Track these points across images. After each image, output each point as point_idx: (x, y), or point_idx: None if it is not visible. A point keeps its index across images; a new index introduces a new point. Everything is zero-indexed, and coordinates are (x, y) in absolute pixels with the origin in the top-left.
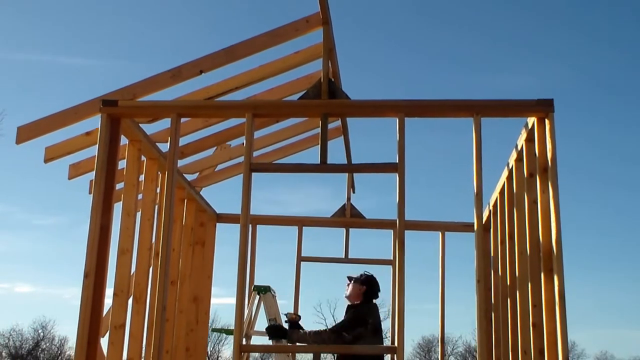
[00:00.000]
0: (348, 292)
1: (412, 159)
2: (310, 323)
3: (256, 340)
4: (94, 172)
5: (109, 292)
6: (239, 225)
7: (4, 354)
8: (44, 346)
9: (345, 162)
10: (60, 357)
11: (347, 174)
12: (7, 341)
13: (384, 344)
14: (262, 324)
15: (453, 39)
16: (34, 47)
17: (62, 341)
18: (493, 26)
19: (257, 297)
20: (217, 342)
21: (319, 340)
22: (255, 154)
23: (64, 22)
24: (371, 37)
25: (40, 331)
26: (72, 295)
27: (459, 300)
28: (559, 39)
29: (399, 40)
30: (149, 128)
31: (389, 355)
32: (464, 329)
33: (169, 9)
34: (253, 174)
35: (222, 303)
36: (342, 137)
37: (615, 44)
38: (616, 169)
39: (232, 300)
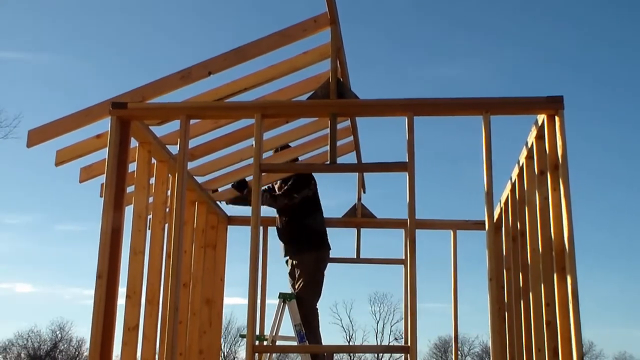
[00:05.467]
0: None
1: (422, 157)
2: (325, 324)
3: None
4: (104, 175)
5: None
6: (249, 227)
7: (22, 355)
8: (62, 347)
9: (355, 161)
10: (77, 358)
11: (357, 174)
12: (25, 342)
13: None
14: (286, 329)
15: (460, 37)
16: (46, 47)
17: (80, 342)
18: (498, 25)
19: (282, 303)
20: (234, 343)
21: (271, 201)
22: (265, 155)
23: (71, 22)
24: (379, 36)
25: (58, 332)
26: (73, 295)
27: (475, 300)
28: (566, 40)
29: (406, 39)
30: (159, 130)
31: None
32: (481, 329)
33: (177, 12)
34: None
35: (240, 304)
36: (352, 137)
37: (615, 41)
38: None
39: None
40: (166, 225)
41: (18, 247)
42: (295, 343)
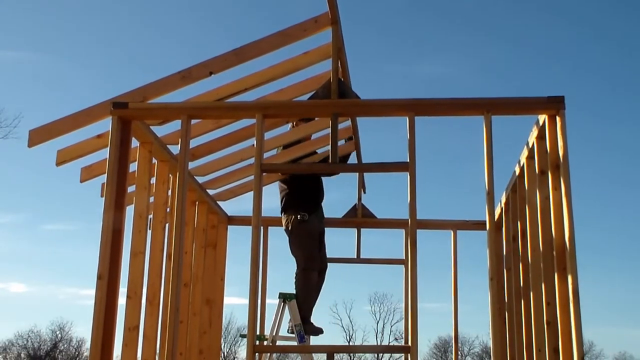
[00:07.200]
0: None
1: (422, 157)
2: (326, 323)
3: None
4: (105, 175)
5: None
6: (250, 227)
7: (22, 355)
8: (62, 347)
9: (356, 161)
10: (77, 358)
11: (357, 174)
12: (25, 342)
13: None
14: (286, 330)
15: (457, 35)
16: (46, 46)
17: (80, 342)
18: (497, 24)
19: (282, 303)
20: (234, 343)
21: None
22: (265, 155)
23: (72, 22)
24: (381, 36)
25: (58, 333)
26: (67, 295)
27: (475, 300)
28: (565, 39)
29: (400, 36)
30: (160, 130)
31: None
32: (481, 329)
33: (177, 12)
34: None
35: (240, 304)
36: (352, 136)
37: (616, 40)
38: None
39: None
40: (167, 225)
41: (11, 247)
42: (295, 343)
